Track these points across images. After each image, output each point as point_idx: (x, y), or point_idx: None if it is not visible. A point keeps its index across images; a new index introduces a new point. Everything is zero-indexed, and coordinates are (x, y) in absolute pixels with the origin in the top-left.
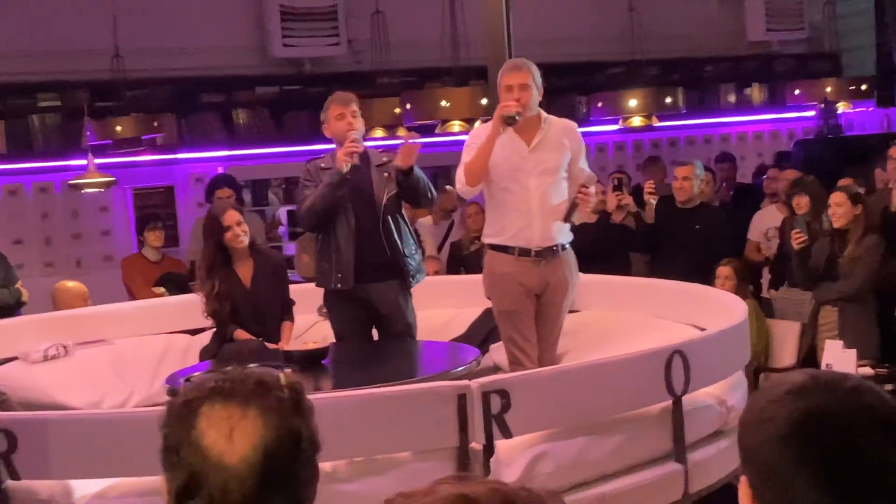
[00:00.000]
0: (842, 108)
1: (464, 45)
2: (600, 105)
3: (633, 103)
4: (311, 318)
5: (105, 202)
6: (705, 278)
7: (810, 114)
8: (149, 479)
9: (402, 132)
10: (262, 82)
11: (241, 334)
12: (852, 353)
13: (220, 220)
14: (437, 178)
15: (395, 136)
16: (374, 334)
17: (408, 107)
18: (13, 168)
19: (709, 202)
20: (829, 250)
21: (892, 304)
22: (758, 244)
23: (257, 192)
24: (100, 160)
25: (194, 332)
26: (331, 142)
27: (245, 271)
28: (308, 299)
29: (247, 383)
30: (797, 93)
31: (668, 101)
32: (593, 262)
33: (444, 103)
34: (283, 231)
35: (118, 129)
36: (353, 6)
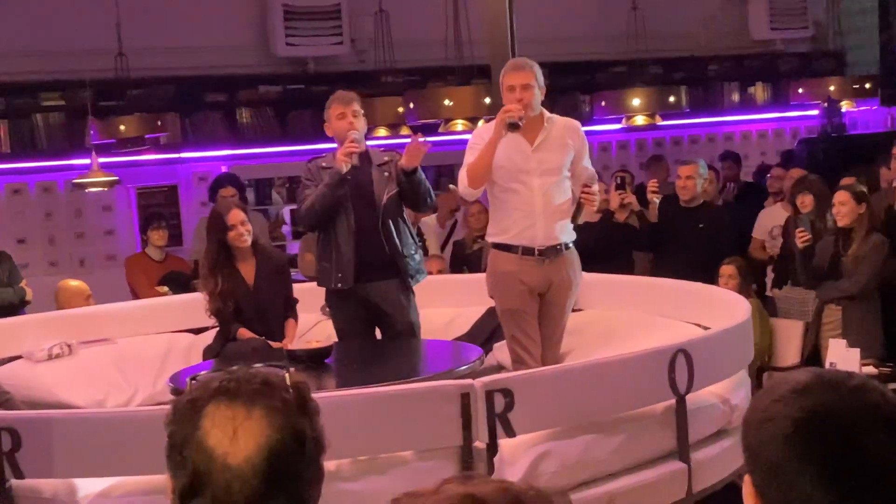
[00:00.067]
0: (846, 106)
1: (467, 45)
2: (603, 104)
3: (636, 102)
4: (315, 318)
5: (109, 201)
6: (709, 277)
7: (814, 112)
8: (152, 477)
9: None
10: (266, 81)
11: (245, 333)
12: (856, 351)
13: (224, 218)
14: (441, 177)
15: (399, 136)
16: (378, 333)
17: (411, 106)
18: (17, 167)
19: (712, 201)
20: (833, 249)
21: None
22: (762, 242)
23: (261, 191)
24: (103, 159)
25: (198, 331)
26: (334, 141)
27: (248, 270)
28: (311, 298)
29: (252, 383)
30: (801, 91)
31: (671, 99)
32: (597, 260)
33: (447, 102)
34: (287, 230)
35: (122, 128)
36: (356, 5)
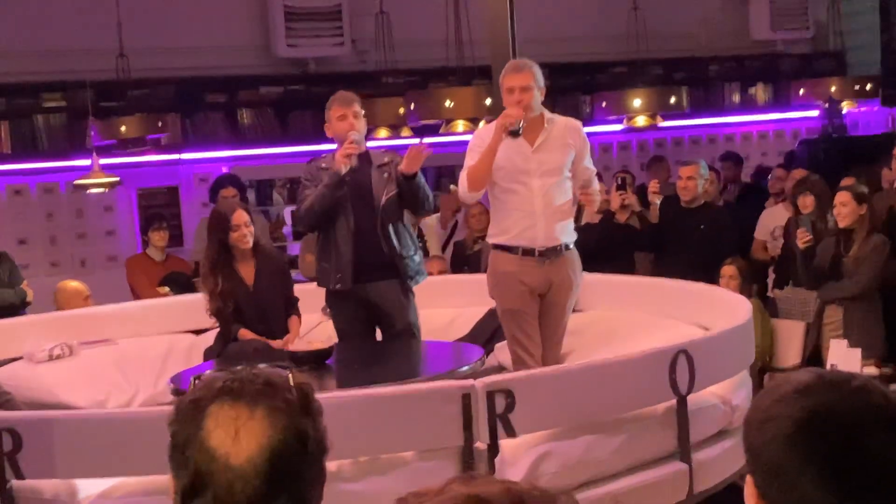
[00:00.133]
0: (846, 107)
1: (468, 45)
2: (604, 105)
3: (637, 103)
4: (316, 318)
5: (110, 202)
6: (709, 278)
7: (815, 113)
8: (153, 478)
9: (406, 131)
10: (267, 82)
11: (246, 334)
12: (857, 352)
13: (228, 218)
14: (441, 178)
15: (400, 136)
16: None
17: (412, 107)
18: (18, 168)
19: (713, 202)
20: (834, 250)
21: None
22: (764, 243)
23: (261, 192)
24: (104, 160)
25: (198, 332)
26: (334, 142)
27: (247, 271)
28: (312, 299)
29: (255, 383)
30: (802, 92)
31: (672, 100)
32: (597, 261)
33: (448, 103)
34: (288, 231)
35: (123, 128)
36: (357, 6)
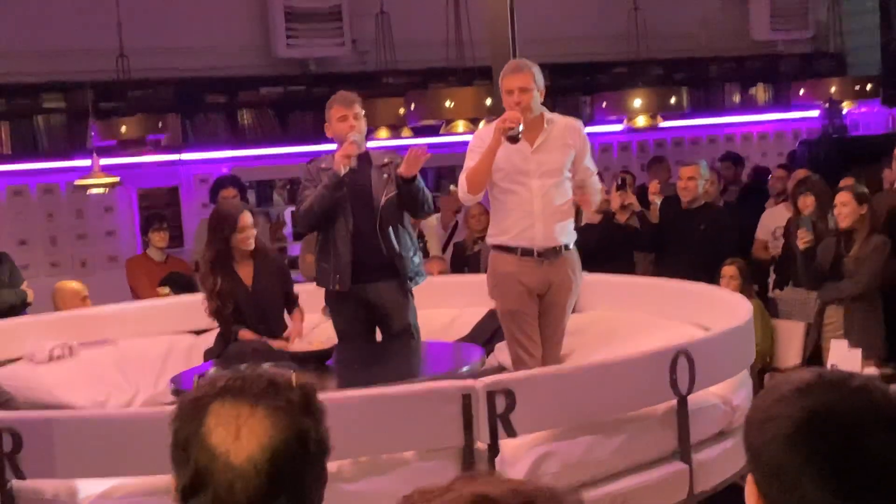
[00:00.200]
0: (847, 107)
1: (468, 46)
2: (604, 105)
3: (637, 103)
4: (316, 318)
5: (110, 203)
6: (710, 278)
7: (815, 113)
8: (153, 478)
9: (406, 132)
10: (267, 83)
11: (246, 334)
12: (857, 352)
13: (236, 219)
14: (441, 178)
15: (400, 137)
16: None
17: (412, 107)
18: (18, 169)
19: (713, 202)
20: (835, 250)
21: None
22: (765, 243)
23: (262, 193)
24: (104, 161)
25: (199, 332)
26: (334, 142)
27: (246, 271)
28: (312, 300)
29: (258, 383)
30: (802, 92)
31: (672, 100)
32: (598, 261)
33: (448, 103)
34: (288, 232)
35: (123, 129)
36: (357, 6)
